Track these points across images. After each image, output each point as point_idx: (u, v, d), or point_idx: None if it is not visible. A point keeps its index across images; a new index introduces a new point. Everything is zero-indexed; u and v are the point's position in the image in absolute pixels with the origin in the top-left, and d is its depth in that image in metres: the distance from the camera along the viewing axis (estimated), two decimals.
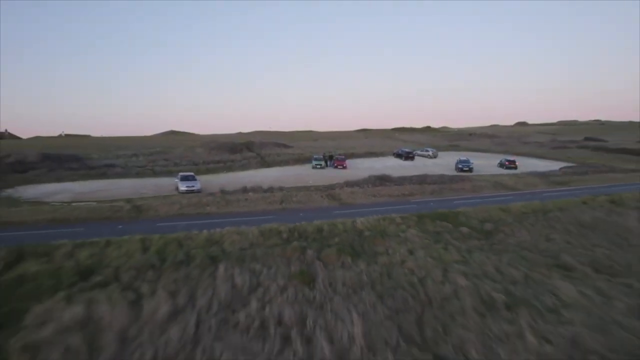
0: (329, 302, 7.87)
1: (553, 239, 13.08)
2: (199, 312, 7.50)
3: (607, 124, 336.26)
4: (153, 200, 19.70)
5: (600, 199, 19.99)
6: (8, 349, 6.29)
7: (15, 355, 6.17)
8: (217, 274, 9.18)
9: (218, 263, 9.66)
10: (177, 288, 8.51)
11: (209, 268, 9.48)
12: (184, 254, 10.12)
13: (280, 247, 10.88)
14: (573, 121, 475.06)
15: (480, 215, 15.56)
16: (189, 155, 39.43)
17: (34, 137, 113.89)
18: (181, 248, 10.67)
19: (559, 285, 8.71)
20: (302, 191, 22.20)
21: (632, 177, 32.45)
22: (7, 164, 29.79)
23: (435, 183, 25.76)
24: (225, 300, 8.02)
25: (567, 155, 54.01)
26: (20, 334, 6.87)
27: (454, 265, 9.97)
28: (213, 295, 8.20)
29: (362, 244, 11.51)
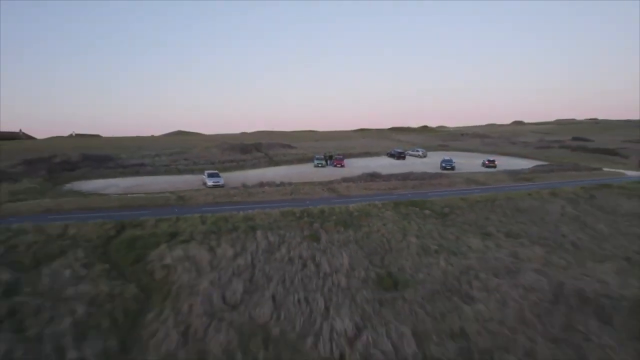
0: (329, 249, 12.83)
1: (490, 218, 18.01)
2: (251, 253, 12.45)
3: (603, 123, 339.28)
4: (190, 192, 24.63)
5: (544, 191, 24.94)
6: (152, 268, 11.25)
7: (157, 270, 11.13)
8: (256, 236, 14.13)
9: (256, 230, 14.63)
10: (233, 243, 13.46)
11: (250, 233, 14.43)
12: (231, 225, 15.10)
13: (296, 221, 15.85)
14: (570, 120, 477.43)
15: (443, 202, 20.52)
16: (206, 155, 44.37)
17: (50, 138, 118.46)
18: (227, 222, 15.65)
19: (474, 242, 13.67)
20: (307, 185, 27.09)
21: (590, 175, 37.34)
22: (56, 163, 34.74)
23: (417, 179, 30.70)
24: (265, 248, 12.98)
25: (545, 155, 58.86)
26: (151, 264, 11.83)
27: (411, 232, 14.92)
28: (257, 246, 13.15)
29: (352, 220, 16.46)
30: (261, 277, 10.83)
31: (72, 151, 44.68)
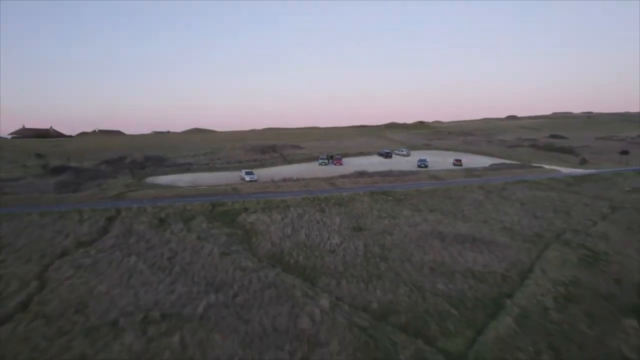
0: (330, 216, 24.43)
1: (426, 202, 29.53)
2: (290, 218, 24.03)
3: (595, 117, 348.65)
4: (236, 185, 36.23)
5: (474, 185, 36.44)
6: (243, 224, 22.84)
7: (246, 225, 22.74)
8: (290, 210, 25.72)
9: (289, 207, 26.24)
10: (279, 213, 25.05)
11: (287, 208, 26.02)
12: (275, 205, 26.76)
13: (310, 202, 27.45)
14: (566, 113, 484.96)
15: (402, 192, 32.08)
16: (233, 155, 55.73)
17: (80, 135, 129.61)
18: (272, 203, 27.32)
19: (406, 213, 25.27)
20: (315, 180, 38.59)
21: (527, 172, 48.68)
22: (127, 163, 46.36)
23: (394, 176, 42.18)
24: (296, 215, 24.50)
25: (510, 154, 70.02)
26: (241, 222, 23.46)
27: (375, 208, 26.52)
28: (292, 214, 24.71)
29: (343, 202, 28.04)
30: (297, 227, 22.42)
31: (123, 151, 56.37)
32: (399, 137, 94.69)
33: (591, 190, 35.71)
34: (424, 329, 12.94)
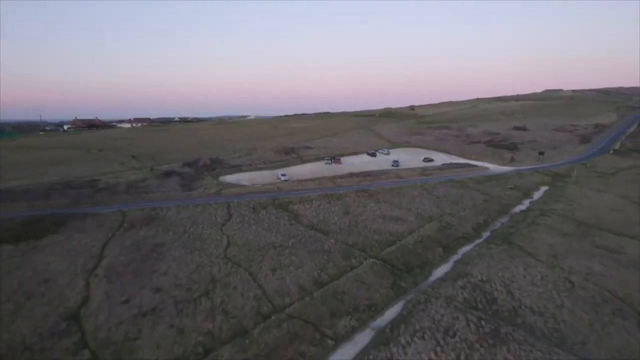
0: (333, 206, 48.79)
1: (385, 196, 53.69)
2: (315, 206, 48.30)
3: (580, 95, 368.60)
4: (277, 183, 60.29)
5: (417, 184, 60.54)
6: (292, 210, 47.09)
7: (294, 211, 47.04)
8: (313, 202, 50.05)
9: (312, 200, 50.59)
10: (309, 204, 49.33)
11: (311, 201, 50.36)
12: (304, 199, 51.19)
13: (323, 198, 51.77)
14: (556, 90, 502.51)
15: (374, 190, 56.28)
16: (266, 156, 79.16)
17: (119, 123, 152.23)
18: (303, 197, 51.76)
19: (372, 204, 49.58)
20: (324, 180, 62.62)
21: (460, 171, 72.58)
22: (201, 165, 70.13)
23: (372, 176, 66.06)
24: (317, 204, 48.77)
25: (464, 151, 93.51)
26: (292, 209, 47.82)
27: (357, 201, 50.78)
28: (315, 206, 48.96)
29: (340, 197, 52.32)
30: (318, 211, 46.60)
31: (184, 151, 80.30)
32: (386, 132, 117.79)
33: (486, 188, 59.91)
34: (367, 249, 37.38)
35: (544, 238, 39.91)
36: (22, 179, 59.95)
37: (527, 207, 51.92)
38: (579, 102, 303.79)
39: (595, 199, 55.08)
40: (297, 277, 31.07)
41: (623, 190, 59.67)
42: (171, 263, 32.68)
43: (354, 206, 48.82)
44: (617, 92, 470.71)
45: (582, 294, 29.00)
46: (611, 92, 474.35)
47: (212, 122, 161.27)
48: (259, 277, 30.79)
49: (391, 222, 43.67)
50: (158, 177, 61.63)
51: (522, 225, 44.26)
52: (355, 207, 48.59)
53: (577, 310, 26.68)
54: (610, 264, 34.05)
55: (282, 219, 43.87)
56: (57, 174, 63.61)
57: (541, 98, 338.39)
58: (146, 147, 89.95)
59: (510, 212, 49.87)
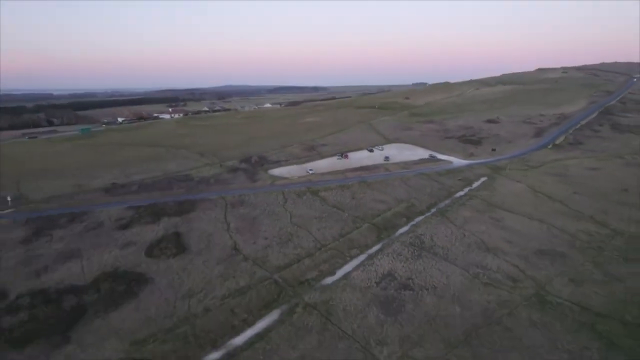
0: (345, 193, 79.90)
1: (375, 185, 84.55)
2: (334, 194, 79.33)
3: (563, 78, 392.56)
4: (307, 176, 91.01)
5: (397, 177, 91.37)
6: (321, 196, 78.07)
7: (322, 196, 78.05)
8: (333, 190, 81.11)
9: (332, 189, 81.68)
10: (331, 192, 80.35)
11: (332, 190, 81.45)
12: (329, 188, 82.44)
13: (338, 187, 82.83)
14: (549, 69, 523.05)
15: (370, 181, 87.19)
16: (294, 153, 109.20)
17: (156, 118, 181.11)
18: (327, 187, 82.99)
19: (368, 191, 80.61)
20: (337, 173, 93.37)
21: (432, 165, 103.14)
22: (253, 162, 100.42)
23: (367, 169, 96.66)
24: (336, 193, 79.82)
25: (439, 146, 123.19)
26: (321, 195, 78.96)
27: (359, 189, 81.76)
28: (335, 193, 79.94)
29: (349, 188, 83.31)
30: (337, 196, 77.55)
31: (232, 148, 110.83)
32: (382, 127, 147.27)
33: (443, 179, 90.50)
34: (365, 219, 68.53)
35: (463, 212, 71.19)
36: (141, 174, 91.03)
37: (465, 193, 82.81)
38: (561, 86, 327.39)
39: (510, 188, 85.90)
40: (330, 232, 62.61)
41: (533, 181, 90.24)
42: (266, 226, 64.20)
43: (357, 193, 79.86)
44: (608, 70, 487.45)
45: (466, 240, 60.49)
46: (604, 69, 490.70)
47: (240, 116, 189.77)
48: (312, 232, 62.34)
49: (379, 204, 74.85)
50: (229, 172, 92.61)
51: (455, 205, 75.42)
52: (358, 193, 79.65)
53: (460, 247, 58.23)
54: (490, 227, 65.43)
55: (316, 201, 75.09)
56: (159, 169, 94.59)
57: (528, 81, 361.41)
58: (202, 145, 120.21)
59: (453, 196, 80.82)
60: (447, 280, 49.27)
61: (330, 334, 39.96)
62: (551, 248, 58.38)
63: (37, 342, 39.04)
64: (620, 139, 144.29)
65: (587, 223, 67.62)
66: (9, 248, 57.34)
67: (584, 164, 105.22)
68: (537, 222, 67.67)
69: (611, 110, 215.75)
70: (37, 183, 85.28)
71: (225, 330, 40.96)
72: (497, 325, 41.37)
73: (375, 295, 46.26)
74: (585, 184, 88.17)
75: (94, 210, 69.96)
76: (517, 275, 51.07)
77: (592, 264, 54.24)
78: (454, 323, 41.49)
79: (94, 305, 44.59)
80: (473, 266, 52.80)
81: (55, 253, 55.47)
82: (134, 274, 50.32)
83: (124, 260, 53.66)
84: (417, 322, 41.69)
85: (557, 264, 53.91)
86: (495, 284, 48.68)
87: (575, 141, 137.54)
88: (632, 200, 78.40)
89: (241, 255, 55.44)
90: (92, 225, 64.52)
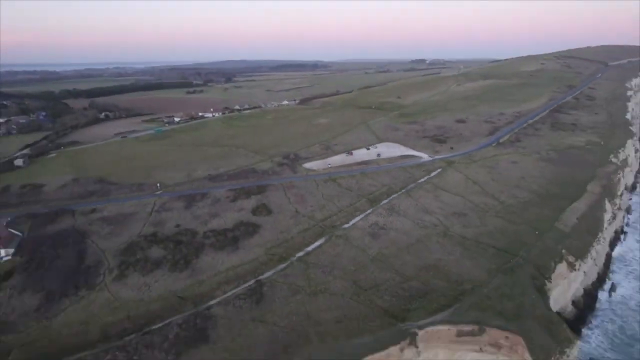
0: (352, 182, 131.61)
1: (369, 175, 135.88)
2: (346, 182, 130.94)
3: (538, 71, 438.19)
4: (328, 168, 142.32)
5: (382, 170, 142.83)
6: (339, 183, 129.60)
7: (338, 183, 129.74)
8: (347, 179, 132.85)
9: (346, 178, 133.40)
10: (346, 180, 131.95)
11: (345, 178, 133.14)
12: (344, 177, 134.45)
13: (350, 177, 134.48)
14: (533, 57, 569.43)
15: (366, 173, 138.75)
16: (315, 151, 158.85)
17: (211, 116, 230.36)
18: (343, 176, 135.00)
19: (367, 180, 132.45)
20: (348, 166, 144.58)
21: (399, 161, 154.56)
22: (291, 158, 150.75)
23: (364, 164, 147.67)
24: (349, 181, 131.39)
25: (415, 145, 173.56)
26: (337, 182, 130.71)
27: (361, 179, 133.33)
28: (348, 180, 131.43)
29: (356, 177, 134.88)
30: (349, 182, 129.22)
31: (273, 148, 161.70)
32: (376, 127, 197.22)
33: (413, 171, 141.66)
34: (364, 196, 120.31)
35: (419, 192, 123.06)
36: (223, 167, 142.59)
37: (424, 180, 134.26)
38: (533, 80, 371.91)
39: (453, 176, 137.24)
40: (344, 203, 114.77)
41: (469, 172, 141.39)
42: (310, 200, 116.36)
43: (359, 180, 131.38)
44: (585, 58, 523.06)
45: (417, 207, 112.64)
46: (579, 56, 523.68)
47: (269, 117, 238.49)
48: (335, 203, 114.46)
49: (372, 187, 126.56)
50: (278, 166, 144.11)
51: (416, 187, 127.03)
52: (360, 180, 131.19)
53: (412, 210, 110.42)
54: (432, 200, 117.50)
55: (335, 185, 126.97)
56: (233, 164, 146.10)
57: (507, 74, 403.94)
58: (250, 145, 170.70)
59: (416, 182, 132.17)
60: (403, 226, 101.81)
61: (348, 246, 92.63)
62: (461, 211, 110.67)
63: (224, 249, 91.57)
64: (551, 136, 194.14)
65: (487, 198, 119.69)
66: (178, 212, 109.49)
67: (509, 159, 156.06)
68: (460, 197, 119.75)
69: (561, 108, 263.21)
70: (164, 174, 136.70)
71: (302, 245, 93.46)
72: (421, 244, 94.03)
73: (367, 231, 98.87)
74: (502, 174, 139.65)
75: (210, 192, 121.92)
76: (437, 223, 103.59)
77: (478, 218, 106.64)
78: (402, 242, 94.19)
79: (240, 235, 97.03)
80: (417, 219, 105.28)
81: (206, 214, 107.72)
82: (251, 224, 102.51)
83: (243, 217, 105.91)
84: (386, 242, 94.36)
85: (460, 219, 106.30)
86: (425, 227, 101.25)
87: (516, 139, 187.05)
88: (523, 184, 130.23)
89: (300, 214, 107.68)
90: (214, 200, 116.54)
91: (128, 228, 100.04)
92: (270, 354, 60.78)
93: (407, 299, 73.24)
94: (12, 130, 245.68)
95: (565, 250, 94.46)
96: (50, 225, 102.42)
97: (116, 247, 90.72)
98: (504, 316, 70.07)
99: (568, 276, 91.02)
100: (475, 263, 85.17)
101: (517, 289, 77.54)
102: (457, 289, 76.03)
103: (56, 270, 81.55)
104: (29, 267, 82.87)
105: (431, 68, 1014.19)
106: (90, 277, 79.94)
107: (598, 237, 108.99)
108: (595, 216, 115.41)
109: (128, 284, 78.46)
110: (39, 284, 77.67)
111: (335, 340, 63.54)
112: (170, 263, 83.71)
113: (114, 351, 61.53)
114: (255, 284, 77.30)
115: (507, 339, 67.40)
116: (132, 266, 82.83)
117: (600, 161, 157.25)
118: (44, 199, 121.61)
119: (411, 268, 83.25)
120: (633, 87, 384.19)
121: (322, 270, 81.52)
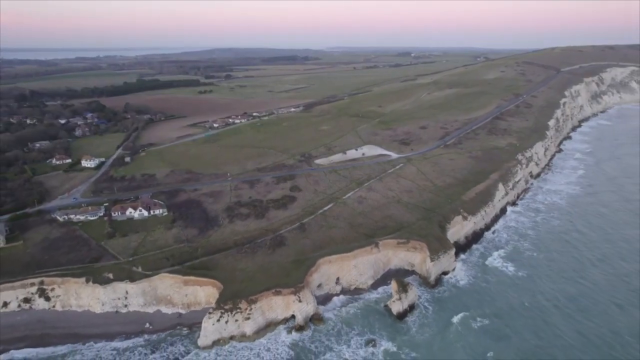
0: (348, 173, 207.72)
1: (357, 170, 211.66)
2: (349, 173, 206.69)
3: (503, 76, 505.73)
4: (339, 163, 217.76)
5: (365, 165, 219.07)
6: (344, 175, 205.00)
7: (345, 175, 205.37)
8: (349, 170, 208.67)
9: (348, 169, 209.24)
10: (349, 171, 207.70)
11: (348, 169, 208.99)
12: (347, 170, 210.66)
13: (352, 169, 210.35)
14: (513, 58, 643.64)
15: (354, 167, 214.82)
16: (322, 151, 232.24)
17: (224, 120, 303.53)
18: (346, 169, 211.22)
19: (357, 172, 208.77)
20: (343, 162, 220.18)
21: (372, 159, 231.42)
22: (307, 156, 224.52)
23: (355, 160, 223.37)
24: (345, 172, 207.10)
25: (390, 147, 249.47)
26: (342, 174, 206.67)
27: (353, 172, 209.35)
28: (350, 171, 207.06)
29: (348, 169, 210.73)
30: (345, 173, 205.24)
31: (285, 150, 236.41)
32: (362, 133, 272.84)
33: (383, 164, 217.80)
34: (355, 181, 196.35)
35: (387, 178, 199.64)
36: (264, 162, 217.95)
37: (391, 171, 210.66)
38: (489, 89, 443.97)
39: (410, 169, 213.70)
40: (341, 185, 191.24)
41: (421, 166, 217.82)
42: (322, 183, 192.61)
43: (350, 171, 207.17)
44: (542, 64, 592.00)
45: (384, 187, 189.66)
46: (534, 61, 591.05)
47: (284, 124, 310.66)
48: (336, 185, 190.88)
49: (358, 175, 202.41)
50: (299, 162, 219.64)
51: (385, 175, 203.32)
52: (352, 172, 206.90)
53: (382, 189, 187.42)
54: (395, 184, 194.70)
55: (336, 175, 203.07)
56: (269, 161, 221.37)
57: (470, 82, 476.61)
58: (277, 146, 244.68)
59: (386, 172, 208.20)
60: (375, 197, 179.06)
61: (345, 207, 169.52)
62: (409, 189, 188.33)
63: (279, 209, 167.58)
64: (484, 140, 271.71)
65: (427, 182, 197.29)
66: (247, 190, 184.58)
67: (449, 157, 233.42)
68: (411, 182, 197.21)
69: (502, 115, 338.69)
70: (227, 167, 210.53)
71: (321, 207, 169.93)
72: (384, 206, 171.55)
73: (356, 200, 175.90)
74: (441, 167, 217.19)
75: (261, 178, 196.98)
76: (395, 196, 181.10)
77: (418, 194, 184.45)
78: (375, 205, 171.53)
79: (287, 202, 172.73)
80: (384, 194, 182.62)
81: (264, 191, 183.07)
82: (290, 196, 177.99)
83: (285, 193, 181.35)
84: (366, 205, 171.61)
85: (408, 194, 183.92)
86: (388, 198, 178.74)
87: (458, 142, 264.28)
88: (452, 174, 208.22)
89: (317, 191, 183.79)
90: (265, 183, 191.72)
91: (222, 199, 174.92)
92: (314, 249, 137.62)
93: (375, 230, 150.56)
94: (87, 132, 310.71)
95: (462, 210, 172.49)
96: (175, 198, 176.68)
97: (221, 208, 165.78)
98: (420, 236, 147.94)
99: (461, 223, 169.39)
100: (411, 215, 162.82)
101: (430, 227, 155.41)
102: (399, 226, 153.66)
103: (197, 219, 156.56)
104: (181, 218, 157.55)
105: (415, 63, 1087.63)
106: (216, 221, 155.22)
107: (488, 204, 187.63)
108: (490, 192, 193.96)
109: (237, 224, 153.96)
110: (192, 225, 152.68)
111: (341, 245, 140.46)
112: (254, 215, 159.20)
113: (241, 250, 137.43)
114: (299, 224, 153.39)
115: (420, 245, 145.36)
116: (235, 217, 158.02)
117: (509, 158, 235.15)
118: (158, 183, 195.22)
119: (378, 217, 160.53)
120: (572, 93, 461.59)
121: (333, 217, 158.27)
